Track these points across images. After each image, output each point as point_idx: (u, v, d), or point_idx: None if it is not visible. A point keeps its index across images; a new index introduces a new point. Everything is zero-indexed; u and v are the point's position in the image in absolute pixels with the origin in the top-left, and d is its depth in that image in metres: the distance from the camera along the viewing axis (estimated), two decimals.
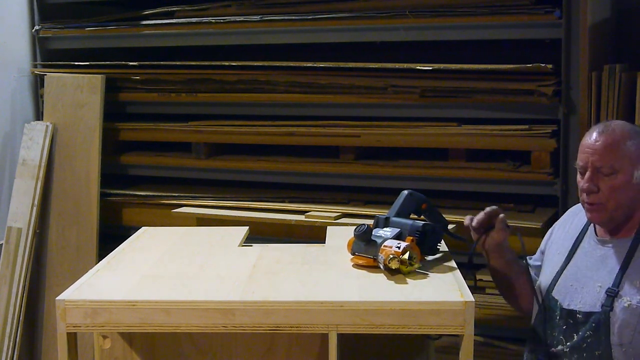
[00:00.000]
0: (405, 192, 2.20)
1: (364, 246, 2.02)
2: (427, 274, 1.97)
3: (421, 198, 2.20)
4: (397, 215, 2.13)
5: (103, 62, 3.60)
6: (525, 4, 2.89)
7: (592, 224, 2.12)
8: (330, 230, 2.55)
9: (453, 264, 2.08)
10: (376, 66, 3.13)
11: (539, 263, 2.30)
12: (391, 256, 1.92)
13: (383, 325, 1.75)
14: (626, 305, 1.93)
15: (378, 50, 3.48)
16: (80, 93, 3.55)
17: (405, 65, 3.08)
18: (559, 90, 2.87)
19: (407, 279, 1.92)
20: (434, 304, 1.75)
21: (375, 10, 3.13)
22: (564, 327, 1.96)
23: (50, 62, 3.74)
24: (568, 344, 1.94)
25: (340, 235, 2.35)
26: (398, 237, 2.02)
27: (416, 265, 1.96)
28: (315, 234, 2.91)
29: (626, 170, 1.96)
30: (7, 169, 3.67)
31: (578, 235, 2.15)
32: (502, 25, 2.94)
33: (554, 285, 2.12)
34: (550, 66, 2.83)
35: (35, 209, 3.51)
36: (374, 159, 3.29)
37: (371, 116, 3.25)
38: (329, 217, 3.10)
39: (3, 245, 3.53)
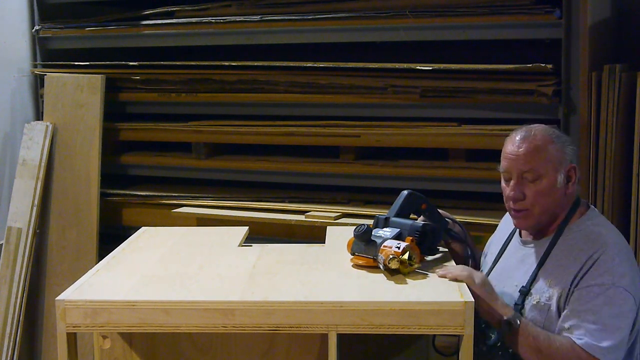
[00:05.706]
0: (405, 192, 2.20)
1: (364, 246, 2.02)
2: (427, 274, 1.97)
3: (421, 198, 2.20)
4: (397, 215, 2.13)
5: (103, 62, 3.60)
6: (525, 4, 2.89)
7: None
8: (330, 230, 2.55)
9: (453, 264, 2.08)
10: (376, 66, 3.13)
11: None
12: (391, 256, 1.92)
13: (383, 325, 1.75)
14: (534, 302, 1.94)
15: (378, 50, 3.47)
16: (80, 93, 3.55)
17: (405, 65, 3.08)
18: (559, 90, 2.86)
19: (407, 279, 1.92)
20: (434, 304, 1.76)
21: (375, 10, 3.13)
22: (483, 326, 1.98)
23: (50, 62, 3.74)
24: (487, 342, 1.96)
25: (340, 235, 2.35)
26: (398, 237, 2.02)
27: (416, 266, 1.96)
28: (315, 234, 2.91)
29: (550, 174, 1.96)
30: (7, 169, 3.67)
31: (507, 238, 2.18)
32: (502, 25, 2.94)
33: None
34: (550, 66, 2.83)
35: (35, 209, 3.50)
36: (374, 159, 3.29)
37: (371, 116, 3.25)
38: (329, 217, 3.10)
39: (3, 245, 3.53)
